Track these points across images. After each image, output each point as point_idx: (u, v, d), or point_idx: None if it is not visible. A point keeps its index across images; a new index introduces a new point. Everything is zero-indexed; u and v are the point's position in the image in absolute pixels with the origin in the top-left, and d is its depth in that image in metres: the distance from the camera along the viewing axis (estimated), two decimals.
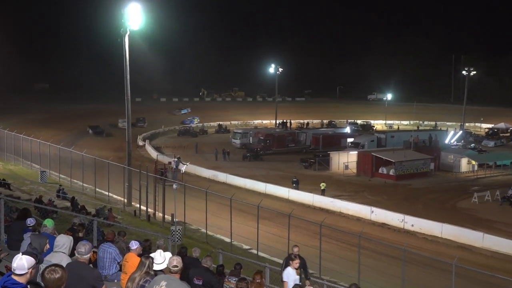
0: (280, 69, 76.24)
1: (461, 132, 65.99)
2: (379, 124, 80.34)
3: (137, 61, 49.36)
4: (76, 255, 6.52)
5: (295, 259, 9.72)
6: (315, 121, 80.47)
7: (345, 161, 45.40)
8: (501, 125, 70.45)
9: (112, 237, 11.31)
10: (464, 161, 46.64)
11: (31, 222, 9.89)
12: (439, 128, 73.88)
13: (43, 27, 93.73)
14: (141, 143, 56.45)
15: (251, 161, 50.17)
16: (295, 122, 75.76)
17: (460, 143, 59.10)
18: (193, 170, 42.24)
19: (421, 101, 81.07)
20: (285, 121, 72.83)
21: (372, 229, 28.15)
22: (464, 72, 76.14)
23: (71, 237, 6.98)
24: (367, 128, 74.60)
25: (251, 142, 57.42)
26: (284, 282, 9.72)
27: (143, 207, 28.39)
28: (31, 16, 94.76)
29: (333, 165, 46.08)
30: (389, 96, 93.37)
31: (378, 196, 37.03)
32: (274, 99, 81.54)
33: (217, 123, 74.07)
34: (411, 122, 74.74)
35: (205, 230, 25.26)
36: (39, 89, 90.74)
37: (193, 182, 32.45)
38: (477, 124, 79.33)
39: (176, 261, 5.96)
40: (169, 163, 38.87)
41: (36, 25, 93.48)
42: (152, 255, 6.79)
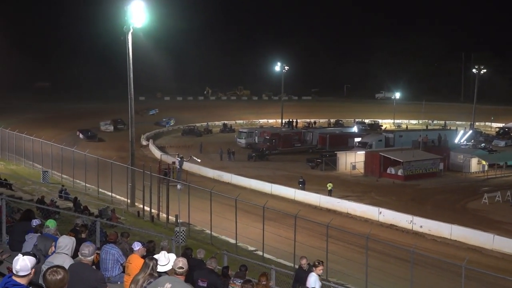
0: (286, 68, 75.82)
1: (471, 131, 65.38)
2: (387, 123, 79.74)
3: (141, 59, 48.95)
4: (79, 256, 6.49)
5: (319, 266, 9.52)
6: (321, 120, 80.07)
7: (353, 161, 45.00)
8: None
9: (114, 238, 11.32)
10: (474, 161, 46.18)
11: (36, 223, 9.80)
12: (448, 127, 73.20)
13: (44, 26, 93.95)
14: (144, 143, 56.21)
15: (256, 161, 49.84)
16: (301, 121, 75.27)
17: (470, 143, 58.60)
18: (197, 170, 42.06)
19: (430, 100, 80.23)
20: (291, 120, 72.35)
21: (380, 230, 27.96)
22: (474, 70, 75.46)
23: (73, 238, 6.92)
24: (375, 127, 74.03)
25: (256, 141, 57.06)
26: None
27: (147, 208, 28.26)
28: (32, 14, 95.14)
29: (340, 165, 45.74)
30: (398, 94, 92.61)
31: (386, 196, 36.74)
32: (280, 98, 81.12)
33: (222, 122, 73.74)
34: (420, 121, 74.04)
35: (209, 231, 25.10)
36: (40, 88, 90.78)
37: (197, 182, 32.26)
38: (487, 123, 78.56)
39: (181, 262, 5.98)
40: (173, 163, 38.54)
41: (37, 24, 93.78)
42: (156, 256, 6.76)
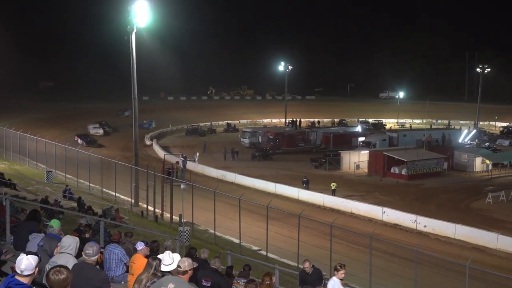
0: (290, 67, 75.76)
1: (475, 130, 65.16)
2: (391, 122, 79.53)
3: (144, 59, 49.13)
4: (83, 256, 6.46)
5: (341, 269, 9.22)
6: (325, 120, 79.92)
7: (356, 160, 44.90)
8: None
9: (118, 238, 11.30)
10: (478, 160, 46.03)
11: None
12: (452, 126, 72.93)
13: (48, 25, 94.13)
14: (148, 143, 56.26)
15: (260, 161, 49.75)
16: (305, 121, 75.16)
17: (474, 142, 58.37)
18: (201, 170, 42.08)
19: (434, 99, 79.95)
20: (294, 120, 72.27)
21: (383, 230, 27.89)
22: (478, 69, 75.11)
23: (77, 238, 6.91)
24: (379, 127, 73.82)
25: (260, 141, 56.94)
26: None
27: (151, 208, 28.24)
28: (36, 14, 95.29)
29: (344, 165, 45.66)
30: (401, 94, 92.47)
31: (390, 196, 36.66)
32: (283, 97, 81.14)
33: (226, 122, 73.68)
34: (424, 120, 73.82)
35: (213, 231, 25.09)
36: (44, 88, 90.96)
37: (201, 182, 32.28)
38: (491, 122, 78.33)
39: (187, 262, 5.98)
40: (177, 162, 38.60)
41: (41, 24, 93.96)
42: (160, 256, 6.75)
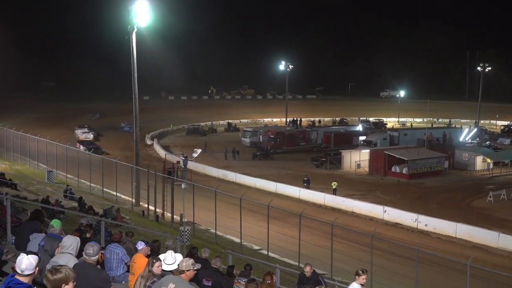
0: (290, 66, 75.66)
1: (476, 129, 65.06)
2: (392, 121, 79.46)
3: (145, 59, 49.20)
4: (84, 256, 6.49)
5: (362, 274, 8.86)
6: (326, 119, 79.88)
7: (357, 159, 44.86)
8: None
9: (119, 238, 11.32)
10: (479, 159, 45.97)
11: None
12: (453, 125, 72.84)
13: (50, 25, 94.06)
14: (149, 142, 56.26)
15: (261, 160, 49.71)
16: (305, 120, 75.11)
17: (475, 141, 58.28)
18: (202, 169, 42.04)
19: (435, 98, 79.97)
20: (295, 119, 72.25)
21: (385, 229, 27.84)
22: (479, 68, 75.00)
23: (78, 238, 6.94)
24: (380, 126, 73.76)
25: (261, 140, 56.84)
26: None
27: (152, 207, 28.24)
28: (37, 14, 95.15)
29: (345, 164, 45.61)
30: (402, 93, 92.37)
31: (391, 195, 36.62)
32: (284, 96, 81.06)
33: (227, 121, 73.65)
34: (425, 119, 73.76)
35: (214, 230, 25.09)
36: (45, 88, 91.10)
37: (202, 181, 32.24)
38: (492, 121, 78.20)
39: (185, 262, 6.02)
40: (178, 162, 38.55)
41: (42, 23, 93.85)
42: (162, 255, 6.74)
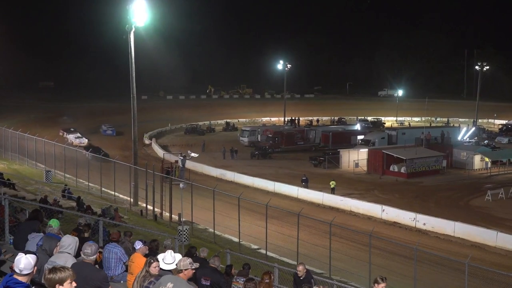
0: (288, 66, 75.63)
1: (474, 128, 65.16)
2: (390, 120, 79.52)
3: (143, 58, 49.13)
4: (82, 255, 6.47)
5: (382, 283, 7.92)
6: (324, 118, 79.93)
7: (355, 158, 44.87)
8: None
9: (117, 237, 11.26)
10: (477, 158, 45.98)
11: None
12: (451, 124, 72.88)
13: (48, 25, 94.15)
14: (147, 142, 56.21)
15: (259, 159, 49.70)
16: (303, 119, 75.12)
17: (473, 140, 58.27)
18: (200, 169, 42.00)
19: (433, 97, 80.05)
20: (294, 118, 72.26)
21: (383, 228, 27.87)
22: (477, 67, 75.08)
23: (76, 238, 6.94)
24: (378, 125, 73.81)
25: (259, 140, 56.83)
26: None
27: (150, 207, 28.23)
28: (36, 14, 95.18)
29: (343, 163, 45.62)
30: (400, 92, 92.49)
31: (389, 194, 36.63)
32: (282, 96, 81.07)
33: (225, 120, 73.62)
34: (423, 118, 73.87)
35: (212, 229, 25.06)
36: (44, 87, 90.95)
37: (200, 181, 32.24)
38: (490, 120, 78.30)
39: (183, 262, 6.02)
40: (176, 161, 38.54)
41: (41, 23, 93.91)
42: (161, 255, 6.72)
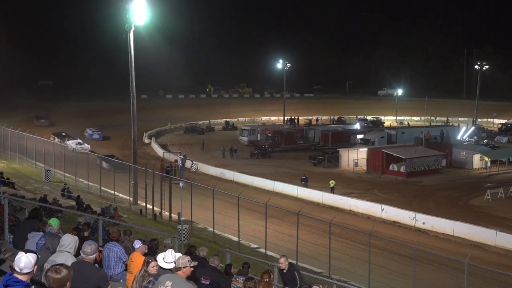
0: (288, 65, 75.64)
1: (473, 128, 65.17)
2: (389, 120, 79.54)
3: (143, 57, 49.02)
4: (81, 255, 6.48)
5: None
6: (324, 118, 79.92)
7: (355, 158, 44.90)
8: None
9: (117, 236, 11.28)
10: (476, 157, 46.00)
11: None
12: (451, 123, 72.89)
13: (48, 24, 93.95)
14: (147, 141, 56.20)
15: (259, 159, 49.71)
16: (303, 118, 75.11)
17: (472, 139, 58.31)
18: (200, 168, 41.99)
19: (433, 97, 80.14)
20: (293, 117, 72.24)
21: (382, 227, 27.88)
22: (476, 66, 75.10)
23: (76, 237, 6.96)
24: (377, 124, 73.82)
25: (258, 139, 56.81)
26: None
27: (149, 206, 28.22)
28: (35, 12, 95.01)
29: (342, 162, 45.65)
30: (400, 91, 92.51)
31: (388, 193, 36.65)
32: (282, 95, 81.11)
33: (224, 120, 73.61)
34: (422, 118, 73.90)
35: (212, 229, 25.04)
36: (43, 86, 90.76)
37: (200, 180, 32.22)
38: (490, 119, 78.32)
39: (182, 260, 6.07)
40: (175, 161, 38.55)
41: (40, 22, 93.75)
42: (162, 254, 6.73)
